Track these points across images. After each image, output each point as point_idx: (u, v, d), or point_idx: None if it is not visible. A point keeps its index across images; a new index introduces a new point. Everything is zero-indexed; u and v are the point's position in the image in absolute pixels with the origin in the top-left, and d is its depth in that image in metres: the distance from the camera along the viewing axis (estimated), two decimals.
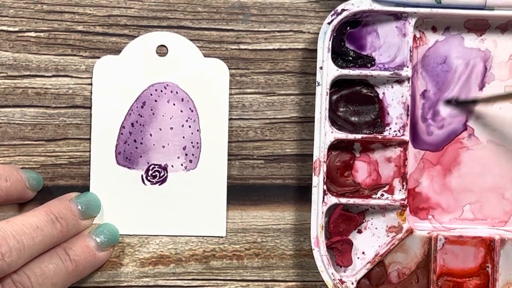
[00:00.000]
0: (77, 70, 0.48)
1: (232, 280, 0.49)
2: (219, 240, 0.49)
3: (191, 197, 0.48)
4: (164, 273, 0.49)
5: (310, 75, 0.49)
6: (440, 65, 0.49)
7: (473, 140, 0.49)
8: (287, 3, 0.49)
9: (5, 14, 0.48)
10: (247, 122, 0.49)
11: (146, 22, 0.48)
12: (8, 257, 0.41)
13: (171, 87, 0.48)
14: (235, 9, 0.49)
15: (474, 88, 0.49)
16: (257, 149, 0.49)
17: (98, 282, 0.48)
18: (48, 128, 0.48)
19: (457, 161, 0.49)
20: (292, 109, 0.49)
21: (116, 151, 0.48)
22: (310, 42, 0.49)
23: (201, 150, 0.48)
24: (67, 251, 0.45)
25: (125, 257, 0.49)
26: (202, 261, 0.49)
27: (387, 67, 0.48)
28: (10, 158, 0.48)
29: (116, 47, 0.48)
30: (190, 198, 0.48)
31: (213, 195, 0.48)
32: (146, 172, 0.48)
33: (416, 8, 0.46)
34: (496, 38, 0.48)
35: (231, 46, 0.49)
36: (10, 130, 0.48)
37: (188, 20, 0.49)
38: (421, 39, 0.48)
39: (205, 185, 0.48)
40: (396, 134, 0.48)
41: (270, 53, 0.49)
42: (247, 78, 0.49)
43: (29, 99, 0.48)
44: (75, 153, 0.48)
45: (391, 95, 0.48)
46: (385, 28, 0.48)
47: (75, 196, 0.47)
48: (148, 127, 0.48)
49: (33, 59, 0.48)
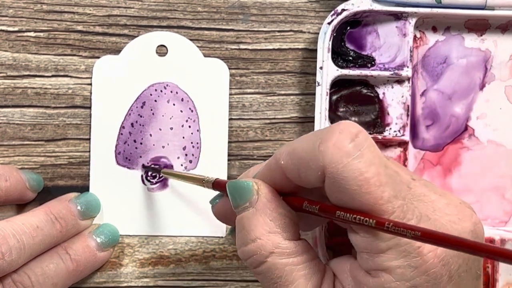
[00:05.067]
0: (77, 70, 0.48)
1: (232, 281, 0.49)
2: (219, 240, 0.49)
3: (191, 197, 0.48)
4: (164, 274, 0.49)
5: (310, 75, 0.49)
6: (440, 65, 0.49)
7: (473, 140, 0.49)
8: (287, 3, 0.49)
9: (5, 14, 0.48)
10: (247, 122, 0.49)
11: (146, 22, 0.48)
12: (8, 256, 0.41)
13: (171, 87, 0.48)
14: (235, 9, 0.49)
15: (474, 88, 0.49)
16: (257, 149, 0.49)
17: (98, 282, 0.48)
18: (47, 128, 0.48)
19: (458, 161, 0.49)
20: (292, 109, 0.49)
21: (116, 151, 0.48)
22: (310, 42, 0.49)
23: (201, 150, 0.48)
24: (67, 250, 0.45)
25: (125, 257, 0.48)
26: (202, 262, 0.49)
27: (387, 67, 0.48)
28: (9, 158, 0.48)
29: (116, 47, 0.48)
30: (190, 199, 0.48)
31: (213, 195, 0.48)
32: (145, 172, 0.48)
33: (416, 8, 0.46)
34: (496, 38, 0.48)
35: (231, 46, 0.49)
36: (9, 130, 0.48)
37: (188, 20, 0.49)
38: (421, 39, 0.48)
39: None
40: (396, 134, 0.48)
41: (270, 53, 0.49)
42: (247, 78, 0.49)
43: (28, 99, 0.48)
44: (75, 153, 0.48)
45: (391, 95, 0.48)
46: (385, 28, 0.48)
47: (74, 196, 0.47)
48: (148, 127, 0.48)
49: (33, 59, 0.48)
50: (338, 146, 0.34)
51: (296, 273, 0.37)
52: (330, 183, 0.35)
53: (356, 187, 0.34)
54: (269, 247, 0.37)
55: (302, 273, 0.37)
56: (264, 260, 0.37)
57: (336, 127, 0.35)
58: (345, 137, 0.35)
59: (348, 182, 0.34)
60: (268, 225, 0.37)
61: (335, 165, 0.34)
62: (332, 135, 0.35)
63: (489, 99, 0.49)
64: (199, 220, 0.48)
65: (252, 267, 0.38)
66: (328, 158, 0.34)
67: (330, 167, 0.34)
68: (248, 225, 0.38)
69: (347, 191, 0.34)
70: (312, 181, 0.36)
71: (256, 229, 0.37)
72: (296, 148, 0.36)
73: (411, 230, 0.33)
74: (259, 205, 0.38)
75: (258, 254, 0.37)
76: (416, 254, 0.35)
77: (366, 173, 0.34)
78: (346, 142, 0.35)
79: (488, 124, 0.49)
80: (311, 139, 0.36)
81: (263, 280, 0.38)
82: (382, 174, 0.35)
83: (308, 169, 0.36)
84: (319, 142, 0.35)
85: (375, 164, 0.35)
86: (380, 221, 0.34)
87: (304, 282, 0.37)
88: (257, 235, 0.37)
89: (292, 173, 0.37)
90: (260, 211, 0.38)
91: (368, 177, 0.34)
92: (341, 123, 0.35)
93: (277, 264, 0.37)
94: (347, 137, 0.35)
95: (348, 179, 0.34)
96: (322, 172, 0.35)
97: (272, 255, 0.37)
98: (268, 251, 0.37)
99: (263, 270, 0.37)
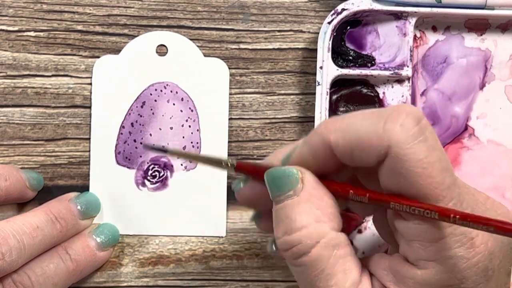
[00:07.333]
0: (77, 70, 0.48)
1: (232, 280, 0.49)
2: (219, 240, 0.49)
3: (191, 197, 0.48)
4: (164, 273, 0.49)
5: (310, 75, 0.49)
6: (440, 65, 0.49)
7: (473, 140, 0.49)
8: (287, 3, 0.49)
9: (5, 14, 0.48)
10: (247, 122, 0.49)
11: (145, 21, 0.48)
12: (9, 256, 0.41)
13: (171, 87, 0.48)
14: (235, 9, 0.49)
15: (474, 88, 0.49)
16: (257, 149, 0.49)
17: (98, 282, 0.48)
18: (47, 128, 0.48)
19: (458, 161, 0.49)
20: (292, 109, 0.49)
21: (116, 151, 0.48)
22: (310, 42, 0.49)
23: (201, 150, 0.48)
24: (67, 250, 0.45)
25: (125, 257, 0.48)
26: (202, 261, 0.49)
27: (387, 66, 0.48)
28: (9, 158, 0.48)
29: (116, 47, 0.48)
30: (190, 198, 0.48)
31: (213, 195, 0.48)
32: (145, 172, 0.48)
33: (417, 7, 0.46)
34: (496, 38, 0.48)
35: (231, 45, 0.49)
36: (9, 130, 0.48)
37: (188, 19, 0.49)
38: (421, 39, 0.48)
39: (205, 185, 0.48)
40: None
41: (270, 52, 0.49)
42: (247, 78, 0.49)
43: (28, 98, 0.48)
44: (75, 153, 0.48)
45: (391, 95, 0.48)
46: (385, 27, 0.48)
47: (74, 196, 0.47)
48: (148, 127, 0.48)
49: (33, 59, 0.48)
50: (405, 127, 0.34)
51: (338, 267, 0.35)
52: (392, 164, 0.34)
53: (420, 169, 0.33)
54: (315, 236, 0.35)
55: (343, 267, 0.35)
56: (308, 251, 0.35)
57: (402, 108, 0.34)
58: (412, 119, 0.34)
59: (413, 164, 0.33)
60: (315, 214, 0.36)
61: (402, 145, 0.33)
62: (398, 115, 0.34)
63: (489, 99, 0.49)
64: (199, 220, 0.48)
65: (293, 258, 0.36)
66: (394, 138, 0.34)
67: (396, 147, 0.34)
68: (293, 214, 0.36)
69: (409, 174, 0.34)
70: (369, 160, 0.35)
71: (302, 218, 0.35)
72: (352, 125, 0.35)
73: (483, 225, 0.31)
74: (305, 193, 0.36)
75: (303, 243, 0.35)
76: (469, 246, 0.34)
77: (430, 157, 0.33)
78: (413, 124, 0.34)
79: (488, 124, 0.49)
80: (371, 117, 0.35)
81: (302, 273, 0.36)
82: (444, 160, 0.34)
83: (368, 148, 0.34)
84: (383, 121, 0.34)
85: (437, 149, 0.34)
86: (444, 213, 0.33)
87: (344, 277, 0.35)
88: (303, 224, 0.35)
89: (343, 151, 0.35)
90: (306, 200, 0.36)
91: (433, 161, 0.33)
92: (405, 105, 0.35)
93: (322, 255, 0.35)
94: (413, 119, 0.34)
95: (412, 161, 0.33)
96: (385, 152, 0.34)
97: (318, 245, 0.35)
98: (314, 240, 0.35)
99: (306, 262, 0.35)
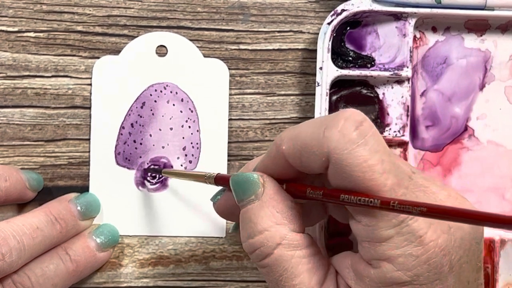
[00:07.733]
0: (77, 71, 0.48)
1: (232, 281, 0.49)
2: (219, 240, 0.49)
3: (191, 198, 0.48)
4: (164, 274, 0.49)
5: (310, 75, 0.49)
6: (440, 66, 0.49)
7: (473, 140, 0.49)
8: (287, 3, 0.49)
9: (4, 14, 0.48)
10: (247, 123, 0.49)
11: (145, 22, 0.48)
12: (9, 257, 0.41)
13: (171, 88, 0.48)
14: (235, 9, 0.49)
15: (474, 88, 0.49)
16: (257, 150, 0.49)
17: (98, 283, 0.48)
18: (47, 128, 0.48)
19: (457, 162, 0.49)
20: (292, 110, 0.49)
21: (116, 152, 0.48)
22: (310, 42, 0.49)
23: (201, 151, 0.48)
24: (67, 251, 0.45)
25: (125, 257, 0.48)
26: (201, 262, 0.49)
27: (387, 67, 0.48)
28: (9, 158, 0.48)
29: (116, 47, 0.48)
30: (190, 199, 0.48)
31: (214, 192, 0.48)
32: (145, 172, 0.48)
33: (416, 8, 0.46)
34: (496, 39, 0.48)
35: (231, 46, 0.49)
36: (9, 130, 0.48)
37: (188, 20, 0.49)
38: (421, 40, 0.48)
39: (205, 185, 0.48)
40: (396, 134, 0.48)
41: (270, 53, 0.49)
42: (247, 78, 0.49)
43: (28, 99, 0.48)
44: (75, 153, 0.48)
45: (391, 95, 0.48)
46: (385, 28, 0.48)
47: (74, 196, 0.47)
48: (148, 127, 0.48)
49: (33, 60, 0.48)
50: (343, 132, 0.35)
51: (302, 266, 0.37)
52: (334, 170, 0.35)
53: (360, 173, 0.34)
54: (276, 238, 0.37)
55: (307, 267, 0.37)
56: (271, 252, 0.37)
57: (342, 114, 0.35)
58: (350, 124, 0.35)
59: (352, 169, 0.34)
60: (275, 217, 0.37)
61: (340, 151, 0.34)
62: (337, 121, 0.35)
63: (489, 100, 0.49)
64: (199, 220, 0.48)
65: (257, 260, 0.38)
66: (333, 144, 0.34)
67: (334, 153, 0.34)
68: (255, 218, 0.37)
69: (351, 178, 0.34)
70: (315, 167, 0.36)
71: (263, 221, 0.37)
72: (299, 133, 0.36)
73: (417, 207, 0.32)
74: (265, 197, 0.38)
75: (265, 245, 0.37)
76: (417, 243, 0.35)
77: (370, 160, 0.34)
78: (351, 129, 0.35)
79: (488, 125, 0.49)
80: (315, 124, 0.36)
81: (268, 274, 0.38)
82: (386, 162, 0.35)
83: (312, 155, 0.35)
84: (324, 128, 0.35)
85: (379, 151, 0.35)
86: (385, 201, 0.34)
87: (309, 276, 0.37)
88: (264, 227, 0.37)
89: (294, 159, 0.37)
90: (267, 203, 0.38)
91: (372, 164, 0.34)
92: (346, 111, 0.36)
93: (283, 256, 0.37)
94: (352, 124, 0.35)
95: (352, 165, 0.34)
96: (326, 158, 0.35)
97: (279, 246, 0.37)
98: (276, 242, 0.37)
99: (269, 263, 0.37)
